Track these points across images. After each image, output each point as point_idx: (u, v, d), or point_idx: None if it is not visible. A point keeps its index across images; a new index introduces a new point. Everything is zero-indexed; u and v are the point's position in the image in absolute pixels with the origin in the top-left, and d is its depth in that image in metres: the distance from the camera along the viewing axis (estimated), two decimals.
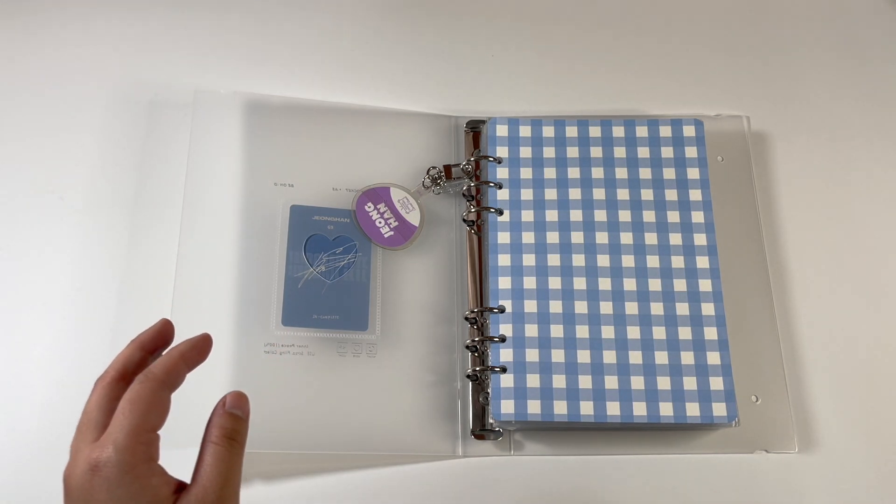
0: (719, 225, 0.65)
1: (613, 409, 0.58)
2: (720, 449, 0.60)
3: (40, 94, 0.70)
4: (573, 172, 0.65)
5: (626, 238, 0.63)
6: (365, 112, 0.69)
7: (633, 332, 0.60)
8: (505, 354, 0.60)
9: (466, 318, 0.62)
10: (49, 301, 0.63)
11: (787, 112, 0.72)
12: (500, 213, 0.64)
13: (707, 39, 0.75)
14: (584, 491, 0.59)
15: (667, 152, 0.66)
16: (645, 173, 0.65)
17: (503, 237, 0.64)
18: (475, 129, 0.68)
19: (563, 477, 0.60)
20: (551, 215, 0.64)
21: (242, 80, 0.71)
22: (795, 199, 0.69)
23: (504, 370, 0.60)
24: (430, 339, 0.62)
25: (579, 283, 0.62)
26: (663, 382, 0.59)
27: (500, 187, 0.65)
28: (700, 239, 0.63)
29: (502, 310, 0.62)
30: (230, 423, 0.40)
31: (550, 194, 0.65)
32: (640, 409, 0.58)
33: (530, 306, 0.61)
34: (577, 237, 0.64)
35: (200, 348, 0.41)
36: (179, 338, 0.60)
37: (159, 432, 0.38)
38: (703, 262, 0.62)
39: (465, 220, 0.66)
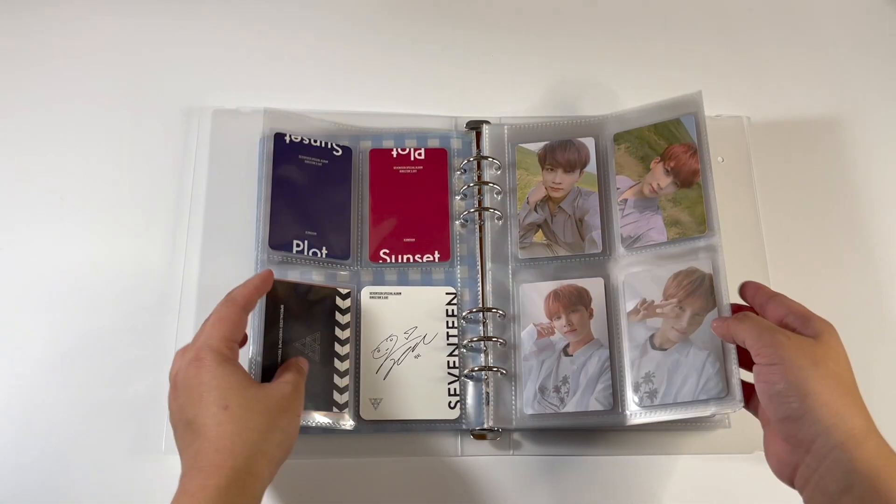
0: (719, 223, 0.65)
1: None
2: (719, 449, 0.60)
3: (41, 94, 0.70)
4: None
5: None
6: (366, 115, 0.69)
7: None
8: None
9: (465, 318, 0.62)
10: (49, 301, 0.63)
11: (786, 112, 0.72)
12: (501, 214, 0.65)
13: (707, 40, 0.75)
14: (583, 491, 0.59)
15: None
16: None
17: None
18: (476, 130, 0.68)
19: (563, 477, 0.59)
20: None
21: (243, 86, 0.71)
22: (796, 199, 0.69)
23: (504, 371, 0.60)
24: None
25: None
26: None
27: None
28: None
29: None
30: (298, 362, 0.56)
31: None
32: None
33: None
34: None
35: (268, 281, 0.56)
36: (186, 338, 0.60)
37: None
38: None
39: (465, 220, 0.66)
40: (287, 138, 0.64)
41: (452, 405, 0.59)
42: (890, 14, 0.77)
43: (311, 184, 0.64)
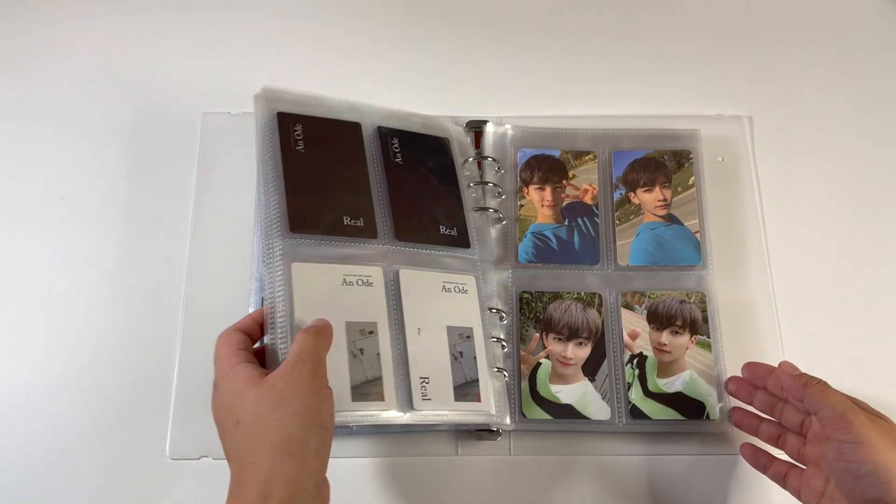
0: (720, 225, 0.65)
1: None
2: (719, 449, 0.60)
3: (38, 94, 0.71)
4: None
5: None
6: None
7: None
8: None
9: None
10: (49, 301, 0.63)
11: (787, 112, 0.72)
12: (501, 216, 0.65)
13: (707, 39, 0.75)
14: (583, 491, 0.59)
15: None
16: None
17: None
18: (476, 130, 0.68)
19: (562, 477, 0.60)
20: None
21: (245, 93, 0.70)
22: (796, 199, 0.69)
23: (505, 372, 0.60)
24: None
25: None
26: None
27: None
28: None
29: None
30: (314, 323, 0.49)
31: None
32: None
33: None
34: None
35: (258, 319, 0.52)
36: (189, 342, 0.59)
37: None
38: None
39: None
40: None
41: None
42: (891, 13, 0.77)
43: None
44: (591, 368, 0.60)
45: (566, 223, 0.64)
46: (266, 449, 0.41)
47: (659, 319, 0.61)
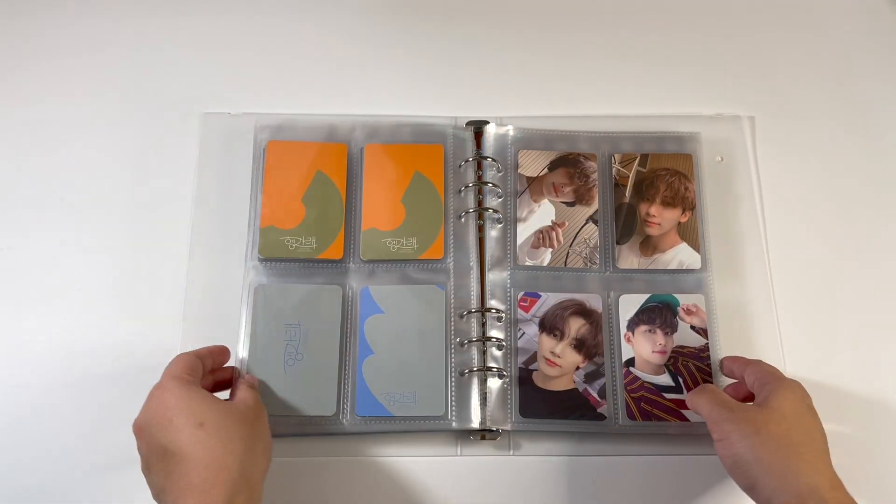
0: (719, 225, 0.65)
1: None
2: None
3: (38, 95, 0.70)
4: None
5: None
6: (364, 117, 0.68)
7: None
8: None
9: (462, 317, 0.62)
10: (49, 300, 0.63)
11: (787, 112, 0.72)
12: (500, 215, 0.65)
13: (707, 39, 0.75)
14: (583, 491, 0.59)
15: None
16: None
17: None
18: (476, 130, 0.68)
19: (563, 477, 0.60)
20: None
21: (245, 93, 0.71)
22: (796, 198, 0.69)
23: (504, 372, 0.60)
24: None
25: None
26: None
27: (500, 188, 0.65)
28: None
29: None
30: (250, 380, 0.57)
31: None
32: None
33: None
34: None
35: (224, 353, 0.57)
36: (189, 341, 0.60)
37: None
38: None
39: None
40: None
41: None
42: (891, 14, 0.77)
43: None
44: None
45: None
46: (239, 455, 0.46)
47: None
